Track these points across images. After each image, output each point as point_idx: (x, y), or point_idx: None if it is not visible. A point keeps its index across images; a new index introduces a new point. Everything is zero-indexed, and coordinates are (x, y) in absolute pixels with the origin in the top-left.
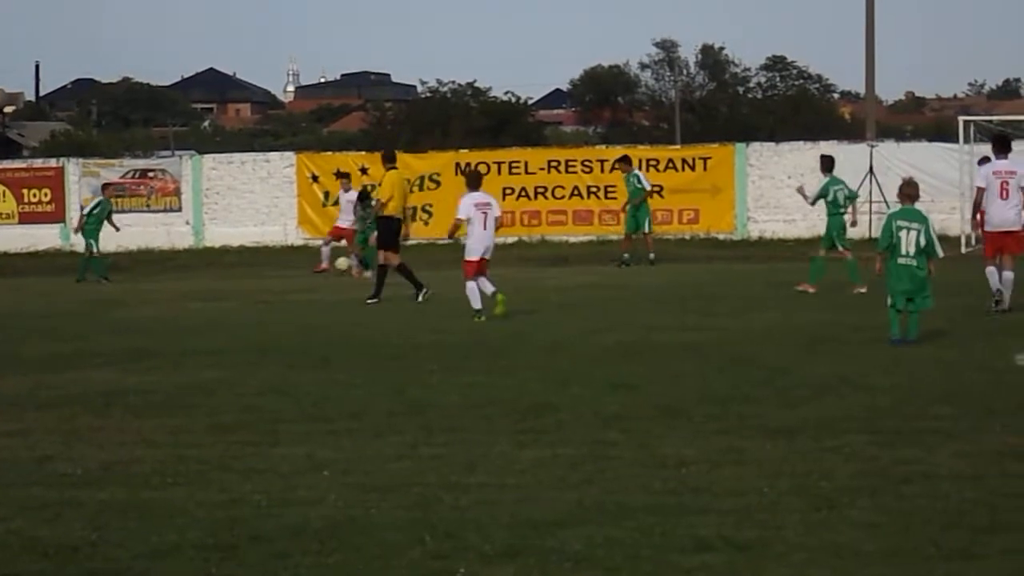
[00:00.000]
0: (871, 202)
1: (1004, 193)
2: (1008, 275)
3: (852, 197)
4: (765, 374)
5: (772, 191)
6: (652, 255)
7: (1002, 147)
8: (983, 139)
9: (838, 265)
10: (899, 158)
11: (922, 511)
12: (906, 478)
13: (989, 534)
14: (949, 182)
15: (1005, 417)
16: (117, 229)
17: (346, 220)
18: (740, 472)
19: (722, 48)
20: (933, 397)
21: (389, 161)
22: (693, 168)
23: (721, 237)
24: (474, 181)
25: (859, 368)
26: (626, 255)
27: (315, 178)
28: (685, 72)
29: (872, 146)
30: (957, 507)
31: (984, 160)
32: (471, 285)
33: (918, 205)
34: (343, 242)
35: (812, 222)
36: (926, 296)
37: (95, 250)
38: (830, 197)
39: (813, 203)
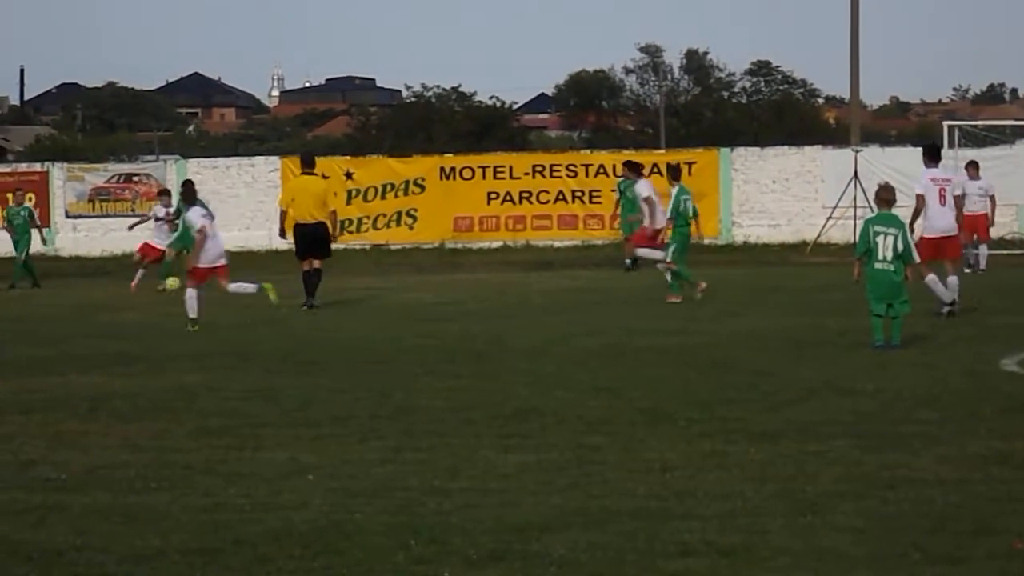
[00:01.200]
0: (855, 207)
1: (942, 200)
2: (953, 279)
3: (695, 213)
4: (749, 378)
5: (757, 196)
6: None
7: (933, 156)
8: (967, 144)
9: (824, 269)
10: (884, 163)
11: (907, 515)
12: (891, 482)
13: (973, 538)
14: None
15: (989, 421)
16: (44, 242)
17: (160, 239)
18: (724, 476)
19: (706, 53)
20: (917, 401)
21: (305, 166)
22: None
23: (705, 242)
24: (189, 195)
25: (843, 372)
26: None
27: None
28: (669, 77)
29: (857, 151)
30: (941, 511)
31: (971, 164)
32: (191, 293)
33: (895, 210)
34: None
35: (797, 227)
36: (903, 301)
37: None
38: (681, 208)
39: (671, 217)
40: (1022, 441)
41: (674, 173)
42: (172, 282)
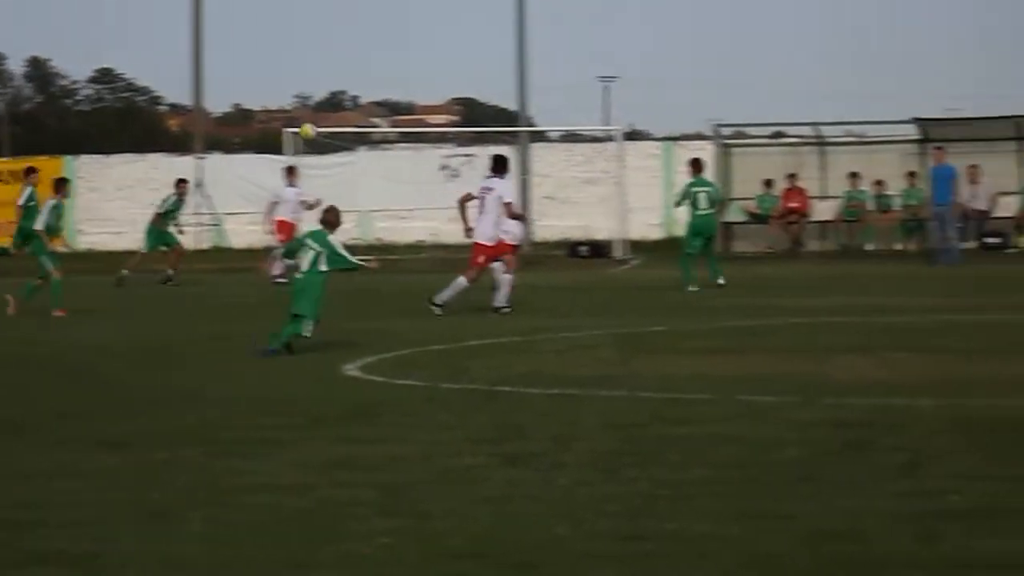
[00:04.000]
0: (201, 215)
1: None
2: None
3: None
4: (101, 387)
5: (102, 204)
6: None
7: (500, 167)
8: (308, 151)
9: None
10: (230, 171)
11: (256, 522)
12: (239, 489)
13: (323, 543)
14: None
15: (332, 426)
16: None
17: None
18: (75, 485)
19: (49, 60)
20: (265, 407)
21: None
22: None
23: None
24: None
25: (192, 380)
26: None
27: None
28: (12, 84)
29: (201, 159)
30: (290, 516)
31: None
32: None
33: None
34: None
35: (138, 234)
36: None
37: None
38: (42, 225)
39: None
40: (364, 445)
41: (60, 187)
42: None
